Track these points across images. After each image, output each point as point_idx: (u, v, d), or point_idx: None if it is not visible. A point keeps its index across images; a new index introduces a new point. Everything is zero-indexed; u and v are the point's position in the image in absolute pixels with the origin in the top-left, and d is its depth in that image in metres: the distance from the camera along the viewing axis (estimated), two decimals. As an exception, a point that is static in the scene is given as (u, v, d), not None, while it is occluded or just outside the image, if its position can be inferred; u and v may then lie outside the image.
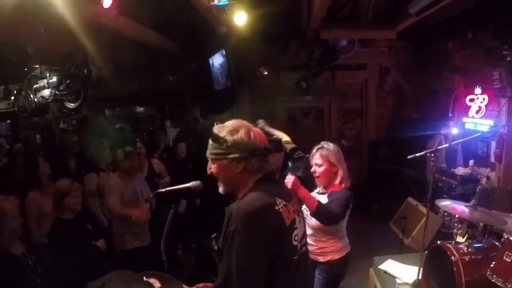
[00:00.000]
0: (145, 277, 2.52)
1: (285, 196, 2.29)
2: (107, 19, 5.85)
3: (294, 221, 2.24)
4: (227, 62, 8.55)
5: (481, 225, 4.76)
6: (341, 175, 3.70)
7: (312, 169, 3.81)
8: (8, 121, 12.99)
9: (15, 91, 8.69)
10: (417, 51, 9.90)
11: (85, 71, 8.13)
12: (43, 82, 7.91)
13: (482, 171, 6.70)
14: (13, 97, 8.75)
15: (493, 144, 6.85)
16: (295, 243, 2.22)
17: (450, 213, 5.32)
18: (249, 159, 2.19)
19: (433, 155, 3.95)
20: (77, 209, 4.18)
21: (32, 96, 8.13)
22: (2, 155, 7.46)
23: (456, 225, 5.02)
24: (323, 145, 3.79)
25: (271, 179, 2.38)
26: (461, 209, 4.30)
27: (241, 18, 6.44)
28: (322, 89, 9.99)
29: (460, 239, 4.73)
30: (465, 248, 4.05)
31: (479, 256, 3.98)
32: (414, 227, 5.95)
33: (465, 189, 6.68)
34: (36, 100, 8.12)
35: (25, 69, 8.16)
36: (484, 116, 7.03)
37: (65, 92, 7.66)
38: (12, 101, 8.79)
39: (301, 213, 2.40)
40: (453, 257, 3.91)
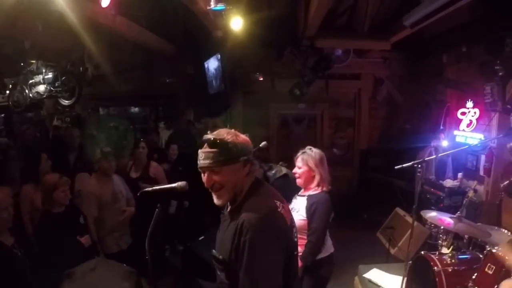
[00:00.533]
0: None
1: (278, 196, 2.37)
2: (105, 18, 5.89)
3: (292, 219, 2.38)
4: (222, 66, 8.58)
5: (466, 237, 4.82)
6: (317, 179, 3.87)
7: (294, 170, 4.03)
8: (2, 115, 12.97)
9: (10, 86, 8.68)
10: (411, 63, 9.94)
11: (81, 68, 8.16)
12: (39, 77, 7.89)
13: (470, 184, 6.74)
14: (8, 91, 8.73)
15: (483, 157, 6.89)
16: (295, 240, 2.38)
17: (436, 225, 5.36)
18: (251, 161, 2.29)
19: (420, 166, 3.99)
20: (65, 203, 4.21)
21: (27, 91, 8.11)
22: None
23: (441, 236, 5.07)
24: (306, 150, 3.99)
25: (262, 181, 2.45)
26: (446, 221, 4.36)
27: (237, 23, 6.48)
28: (315, 97, 10.01)
29: (445, 250, 4.78)
30: (449, 259, 4.11)
31: (462, 267, 4.03)
32: (401, 237, 5.99)
33: (453, 201, 6.72)
34: (31, 95, 8.09)
35: (21, 64, 8.14)
36: (474, 129, 7.07)
37: (60, 88, 7.65)
38: (7, 95, 8.77)
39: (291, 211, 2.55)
40: (436, 267, 3.96)
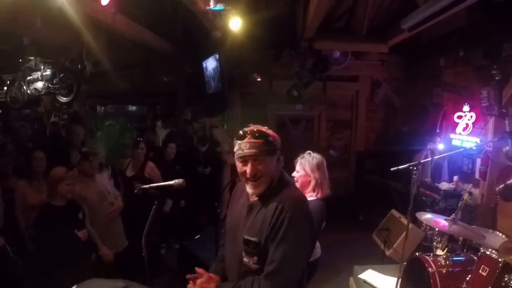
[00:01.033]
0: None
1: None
2: (104, 16, 5.88)
3: None
4: (220, 66, 8.59)
5: (461, 239, 4.85)
6: (312, 185, 3.85)
7: (293, 174, 3.97)
8: (-1, 111, 12.95)
9: (8, 82, 8.67)
10: (409, 66, 9.99)
11: (79, 66, 8.16)
12: (37, 74, 7.89)
13: (466, 187, 6.73)
14: (5, 88, 8.73)
15: (478, 161, 6.90)
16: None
17: (431, 227, 5.38)
18: (281, 155, 2.44)
19: (416, 168, 4.02)
20: (68, 197, 4.23)
21: (25, 87, 8.10)
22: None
23: (436, 238, 5.10)
24: (305, 154, 3.98)
25: (286, 176, 2.59)
26: (441, 223, 4.38)
27: (236, 24, 6.48)
28: (313, 99, 10.02)
29: (439, 252, 4.80)
30: (443, 260, 4.13)
31: (457, 269, 4.05)
32: (396, 239, 6.02)
33: (448, 203, 6.75)
34: (29, 92, 8.08)
35: (20, 60, 8.14)
36: (471, 133, 7.11)
37: (58, 85, 7.65)
38: (4, 91, 8.76)
39: None
40: (430, 269, 3.98)
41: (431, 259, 4.19)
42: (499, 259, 3.66)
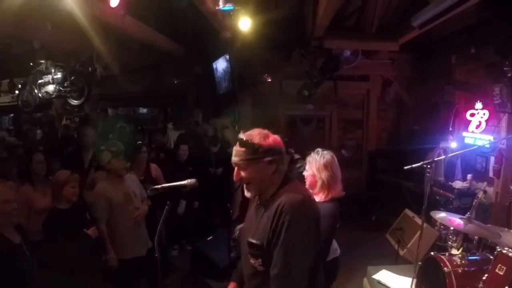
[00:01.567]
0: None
1: (308, 191, 2.57)
2: (114, 19, 5.90)
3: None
4: (231, 67, 8.59)
5: (476, 238, 4.79)
6: (319, 185, 3.62)
7: (304, 172, 3.88)
8: (11, 115, 13.04)
9: (19, 85, 8.72)
10: (420, 64, 9.93)
11: (90, 69, 8.20)
12: (48, 77, 7.94)
13: (480, 185, 6.66)
14: (17, 91, 8.78)
15: (492, 159, 6.84)
16: (321, 230, 2.48)
17: (446, 226, 5.33)
18: (278, 160, 2.40)
19: (430, 166, 3.98)
20: (73, 200, 4.20)
21: (36, 91, 8.15)
22: (3, 149, 7.46)
23: (451, 237, 5.04)
24: (314, 153, 3.78)
25: (291, 177, 2.55)
26: (456, 222, 4.33)
27: (245, 24, 6.48)
28: (324, 98, 10.01)
29: (454, 252, 4.74)
30: (459, 260, 4.08)
31: (473, 268, 4.00)
32: (410, 239, 5.97)
33: (462, 202, 6.67)
34: (40, 95, 8.14)
35: (31, 64, 8.19)
36: (484, 131, 7.03)
37: (69, 88, 7.70)
38: (16, 95, 8.82)
39: None
40: (446, 268, 3.93)
41: (447, 258, 4.14)
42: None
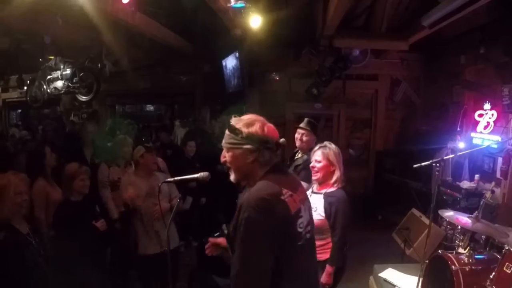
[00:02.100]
0: None
1: (292, 186, 2.41)
2: (125, 15, 5.92)
3: (299, 210, 2.39)
4: (240, 64, 8.60)
5: (483, 237, 4.79)
6: (337, 176, 3.83)
7: (311, 164, 3.96)
8: (19, 111, 13.09)
9: (28, 81, 8.76)
10: (428, 64, 9.91)
11: (99, 65, 8.22)
12: (57, 73, 7.97)
13: (487, 186, 6.67)
14: (26, 87, 8.82)
15: (500, 160, 6.82)
16: (300, 230, 2.36)
17: (453, 226, 5.32)
18: (260, 151, 2.34)
19: (438, 165, 3.98)
20: (84, 192, 4.29)
21: (45, 86, 8.19)
22: (14, 144, 7.51)
23: (458, 236, 5.04)
24: (326, 144, 3.96)
25: (280, 170, 2.51)
26: (464, 220, 4.33)
27: (256, 21, 6.49)
28: (332, 97, 10.02)
29: (461, 251, 4.74)
30: (466, 258, 4.07)
31: (480, 267, 3.99)
32: (416, 238, 5.95)
33: (469, 203, 6.65)
34: (48, 91, 8.17)
35: (40, 60, 8.22)
36: (492, 131, 6.99)
37: (78, 84, 7.74)
38: (25, 90, 8.85)
39: (307, 202, 2.56)
40: (453, 266, 3.92)
41: (454, 257, 4.13)
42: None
